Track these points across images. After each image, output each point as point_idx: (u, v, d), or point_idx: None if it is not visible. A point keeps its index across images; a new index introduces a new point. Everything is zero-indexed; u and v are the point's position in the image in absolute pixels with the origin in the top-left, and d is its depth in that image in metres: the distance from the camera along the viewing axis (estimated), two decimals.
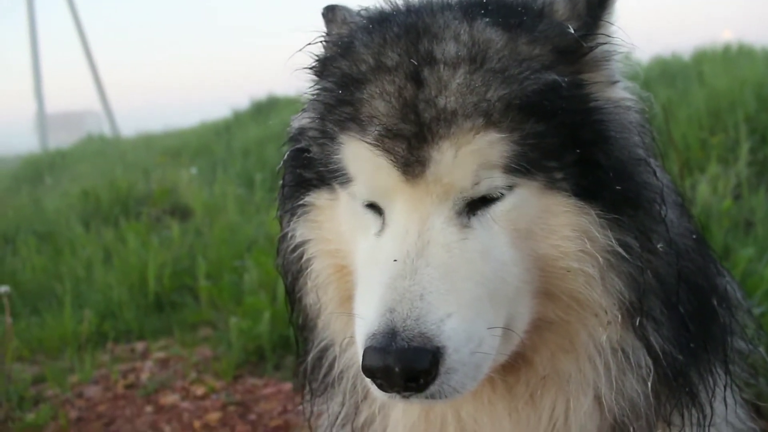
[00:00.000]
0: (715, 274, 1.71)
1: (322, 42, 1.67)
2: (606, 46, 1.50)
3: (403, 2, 1.61)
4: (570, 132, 1.39)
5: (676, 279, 1.47)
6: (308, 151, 1.55)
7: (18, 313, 5.20)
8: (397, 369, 1.25)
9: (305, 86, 1.67)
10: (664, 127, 4.21)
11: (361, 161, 1.42)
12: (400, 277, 1.33)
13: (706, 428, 1.56)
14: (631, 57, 1.60)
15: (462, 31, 1.43)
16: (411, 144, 1.37)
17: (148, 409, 3.93)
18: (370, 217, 1.49)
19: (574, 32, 1.44)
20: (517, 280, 1.40)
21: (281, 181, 1.68)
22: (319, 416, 1.85)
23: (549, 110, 1.37)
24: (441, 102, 1.36)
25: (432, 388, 1.29)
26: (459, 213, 1.39)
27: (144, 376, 4.33)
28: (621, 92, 1.53)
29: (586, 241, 1.39)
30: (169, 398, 4.00)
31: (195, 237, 6.57)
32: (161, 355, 4.67)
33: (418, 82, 1.39)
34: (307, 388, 1.80)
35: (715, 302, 1.64)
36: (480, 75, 1.37)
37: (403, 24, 1.49)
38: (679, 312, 1.49)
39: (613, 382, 1.48)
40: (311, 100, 1.60)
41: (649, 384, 1.48)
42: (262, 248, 5.26)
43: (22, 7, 30.83)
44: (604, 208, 1.39)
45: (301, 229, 1.62)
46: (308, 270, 1.63)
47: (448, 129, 1.35)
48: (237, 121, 14.13)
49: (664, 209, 1.44)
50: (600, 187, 1.39)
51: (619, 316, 1.44)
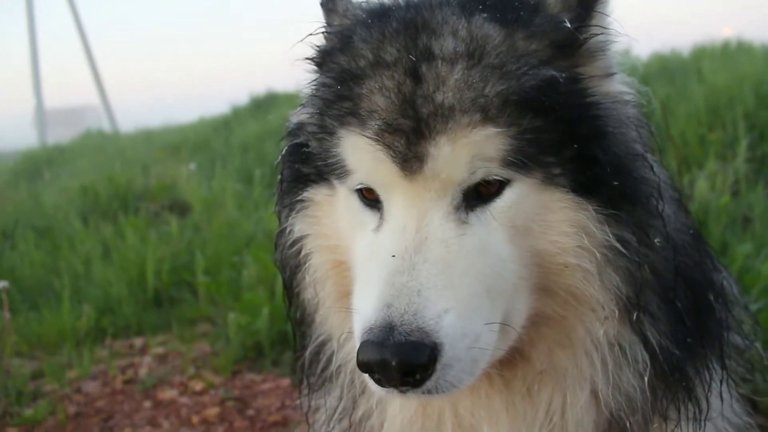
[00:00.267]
0: (712, 270, 1.71)
1: (323, 33, 1.66)
2: (600, 37, 1.50)
3: None
4: (568, 127, 1.39)
5: (673, 274, 1.47)
6: (307, 146, 1.55)
7: (16, 309, 5.20)
8: (394, 363, 1.26)
9: (305, 79, 1.67)
10: (662, 124, 4.21)
11: (360, 155, 1.43)
12: (398, 273, 1.33)
13: (702, 423, 1.57)
14: (630, 53, 1.60)
15: (460, 27, 1.44)
16: (409, 139, 1.37)
17: (147, 404, 3.94)
18: (368, 213, 1.49)
19: (565, 24, 1.44)
20: (514, 276, 1.40)
21: (279, 176, 1.68)
22: (317, 411, 1.86)
23: (547, 106, 1.37)
24: (438, 98, 1.37)
25: (429, 383, 1.29)
26: (457, 208, 1.40)
27: (142, 372, 4.34)
28: (618, 86, 1.53)
29: (584, 236, 1.40)
30: (168, 393, 4.01)
31: (194, 232, 6.58)
32: (160, 350, 4.68)
33: (417, 77, 1.39)
34: (305, 382, 1.80)
35: (712, 297, 1.64)
36: (478, 71, 1.38)
37: (402, 19, 1.49)
38: (675, 307, 1.49)
39: (610, 377, 1.49)
40: (310, 95, 1.59)
41: (646, 379, 1.49)
42: (260, 244, 5.26)
43: (21, 2, 30.79)
44: (602, 204, 1.39)
45: (299, 225, 1.62)
46: (306, 265, 1.63)
47: (446, 124, 1.35)
48: (236, 117, 14.12)
49: (661, 204, 1.45)
50: (597, 182, 1.39)
51: (616, 311, 1.44)
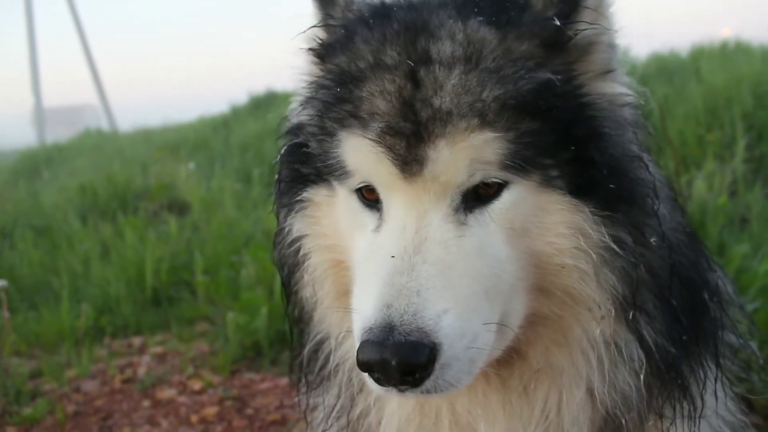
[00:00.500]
0: (707, 269, 1.72)
1: (324, 25, 1.64)
2: (589, 33, 1.48)
3: None
4: (564, 129, 1.40)
5: (669, 273, 1.48)
6: (306, 147, 1.56)
7: (15, 308, 5.20)
8: (393, 362, 1.27)
9: (306, 73, 1.66)
10: (660, 125, 4.22)
11: (361, 157, 1.44)
12: (398, 273, 1.34)
13: (697, 420, 1.58)
14: (629, 53, 1.60)
15: (457, 30, 1.44)
16: (409, 142, 1.39)
17: (146, 403, 3.94)
18: (367, 214, 1.50)
19: (552, 21, 1.44)
20: (512, 276, 1.41)
21: (277, 176, 1.69)
22: (315, 409, 1.87)
23: (544, 109, 1.38)
24: (437, 102, 1.38)
25: (428, 383, 1.31)
26: (456, 210, 1.41)
27: (141, 371, 4.35)
28: (615, 86, 1.53)
29: (581, 238, 1.41)
30: (166, 393, 4.01)
31: (192, 232, 6.58)
32: (158, 349, 4.68)
33: (415, 81, 1.41)
34: (303, 380, 1.81)
35: (707, 296, 1.65)
36: (475, 75, 1.39)
37: (403, 21, 1.49)
38: (671, 305, 1.50)
39: (606, 376, 1.50)
40: (309, 97, 1.59)
41: (642, 377, 1.50)
42: (259, 244, 5.27)
43: (20, 1, 30.77)
44: (598, 206, 1.41)
45: (298, 225, 1.63)
46: (305, 264, 1.64)
47: (444, 128, 1.37)
48: (235, 116, 14.12)
49: (657, 204, 1.46)
50: (594, 184, 1.40)
51: (613, 311, 1.45)
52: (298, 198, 1.61)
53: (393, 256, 1.37)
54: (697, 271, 1.65)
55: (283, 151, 1.65)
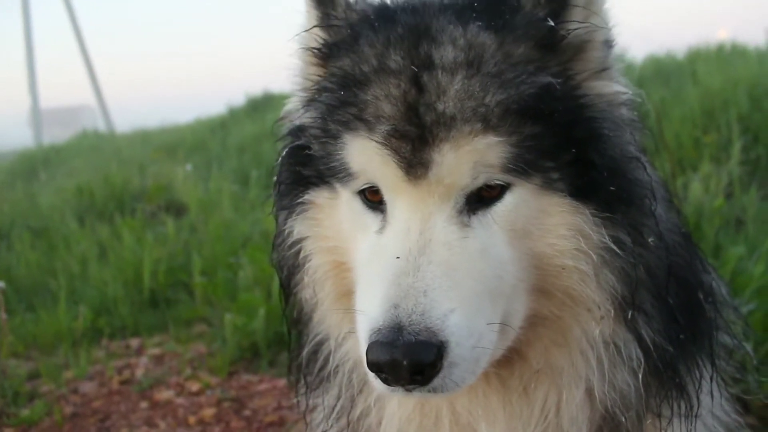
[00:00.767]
0: (701, 271, 1.74)
1: (325, 24, 1.63)
2: (582, 32, 1.49)
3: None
4: (565, 132, 1.42)
5: (666, 272, 1.50)
6: (308, 149, 1.56)
7: (13, 309, 5.20)
8: (405, 362, 1.28)
9: (303, 73, 1.66)
10: (656, 127, 4.24)
11: (366, 159, 1.45)
12: (404, 274, 1.36)
13: (693, 419, 1.59)
14: (626, 55, 1.61)
15: (458, 35, 1.46)
16: (415, 146, 1.40)
17: (143, 405, 3.94)
18: (370, 215, 1.51)
19: (544, 22, 1.45)
20: (513, 277, 1.43)
21: (276, 177, 1.69)
22: (314, 409, 1.87)
23: (546, 113, 1.40)
24: (440, 107, 1.40)
25: (435, 382, 1.32)
26: (460, 212, 1.43)
27: (139, 372, 4.34)
28: (613, 86, 1.54)
29: (581, 239, 1.43)
30: (164, 394, 4.01)
31: (190, 233, 6.57)
32: (156, 351, 4.68)
33: (419, 86, 1.42)
34: (302, 381, 1.82)
35: (702, 297, 1.67)
36: (477, 80, 1.41)
37: (406, 25, 1.51)
38: (668, 305, 1.52)
39: (605, 375, 1.51)
40: (311, 99, 1.59)
41: (640, 376, 1.52)
42: (257, 245, 5.27)
43: (17, 1, 30.69)
44: (598, 207, 1.43)
45: (299, 227, 1.63)
46: (306, 266, 1.64)
47: (448, 132, 1.38)
48: (232, 118, 14.12)
49: (654, 204, 1.47)
50: (594, 186, 1.42)
51: (612, 311, 1.47)
52: (299, 200, 1.62)
53: (398, 257, 1.38)
54: (692, 271, 1.67)
55: (283, 153, 1.65)
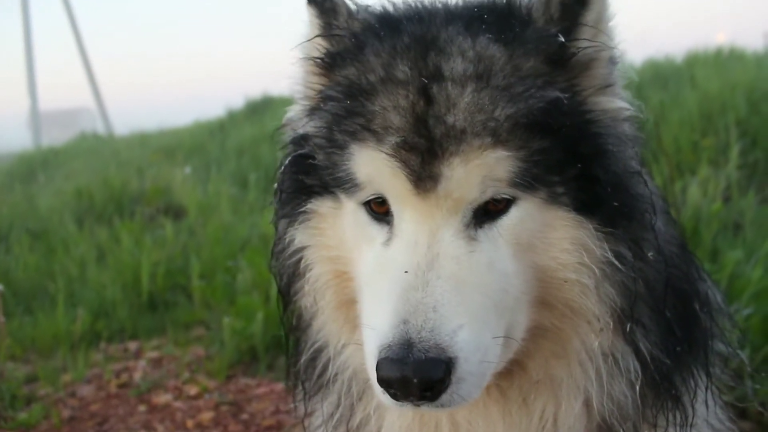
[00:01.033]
0: (697, 279, 1.75)
1: (327, 34, 1.61)
2: (590, 50, 1.50)
3: (414, 7, 1.60)
4: (571, 147, 1.42)
5: (664, 285, 1.51)
6: (312, 158, 1.54)
7: (11, 312, 5.20)
8: (415, 380, 1.28)
9: (305, 82, 1.64)
10: (654, 133, 4.25)
11: (374, 170, 1.44)
12: (413, 289, 1.35)
13: (688, 429, 1.60)
14: (624, 59, 1.62)
15: (467, 47, 1.45)
16: (424, 158, 1.39)
17: (141, 408, 3.94)
18: (376, 227, 1.50)
19: (556, 38, 1.45)
20: (517, 290, 1.43)
21: (278, 185, 1.67)
22: (312, 414, 1.87)
23: (554, 128, 1.40)
24: (450, 120, 1.39)
25: (444, 397, 1.32)
26: (467, 225, 1.42)
27: (137, 376, 4.34)
28: (616, 101, 1.54)
29: (584, 253, 1.43)
30: (162, 398, 4.01)
31: (188, 236, 6.58)
32: (154, 354, 4.68)
33: (428, 98, 1.41)
34: (300, 387, 1.81)
35: (697, 307, 1.67)
36: (487, 93, 1.40)
37: (413, 34, 1.49)
38: (665, 317, 1.53)
39: (603, 386, 1.52)
40: (315, 108, 1.57)
41: (637, 388, 1.52)
42: (255, 248, 5.28)
43: (17, 3, 30.70)
44: (601, 222, 1.43)
45: (300, 236, 1.61)
46: (307, 275, 1.63)
47: (458, 146, 1.38)
48: (231, 121, 14.13)
49: (654, 218, 1.48)
50: (598, 201, 1.43)
51: (611, 323, 1.48)
52: (301, 209, 1.60)
53: (406, 272, 1.37)
54: (689, 281, 1.68)
55: (286, 161, 1.63)
